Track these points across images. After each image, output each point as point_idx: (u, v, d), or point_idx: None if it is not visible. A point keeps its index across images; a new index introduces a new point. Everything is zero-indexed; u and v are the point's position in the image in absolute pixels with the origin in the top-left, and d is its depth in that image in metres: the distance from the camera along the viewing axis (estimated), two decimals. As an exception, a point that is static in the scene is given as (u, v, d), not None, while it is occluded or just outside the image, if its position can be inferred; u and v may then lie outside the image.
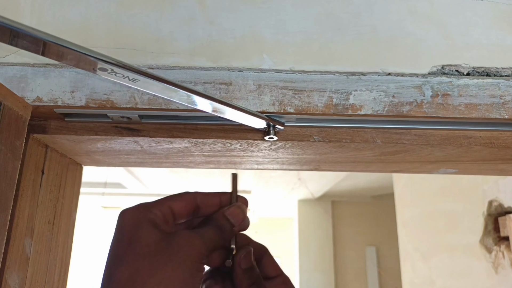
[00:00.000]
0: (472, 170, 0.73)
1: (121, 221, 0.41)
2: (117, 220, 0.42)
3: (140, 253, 0.38)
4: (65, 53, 0.37)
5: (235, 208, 0.46)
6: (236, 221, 0.45)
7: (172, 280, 0.37)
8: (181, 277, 0.38)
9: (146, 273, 0.37)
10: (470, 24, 0.57)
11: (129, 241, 0.39)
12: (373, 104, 0.54)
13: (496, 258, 1.80)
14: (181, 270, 0.38)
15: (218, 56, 0.55)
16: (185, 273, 0.38)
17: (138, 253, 0.38)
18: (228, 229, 0.45)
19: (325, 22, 0.57)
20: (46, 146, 0.60)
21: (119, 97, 0.53)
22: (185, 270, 0.38)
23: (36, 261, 0.57)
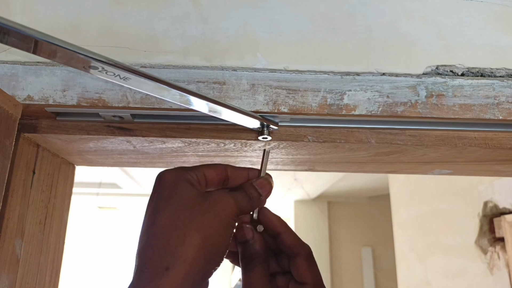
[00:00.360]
0: (467, 171, 0.72)
1: (160, 180, 0.45)
2: (155, 181, 0.45)
3: (180, 204, 0.42)
4: (56, 51, 0.36)
5: (263, 180, 0.50)
6: (264, 191, 0.49)
7: (210, 228, 0.41)
8: (217, 227, 0.42)
9: (187, 219, 0.41)
10: (465, 24, 0.57)
11: (169, 195, 0.43)
12: (368, 104, 0.53)
13: (491, 259, 1.80)
14: (217, 221, 0.42)
15: (211, 55, 0.54)
16: (220, 224, 0.42)
17: (179, 204, 0.42)
18: (256, 197, 0.48)
19: (320, 22, 0.56)
20: (38, 146, 0.59)
21: (111, 96, 0.52)
22: (220, 221, 0.42)
23: (27, 262, 0.57)
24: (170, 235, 0.40)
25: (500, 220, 1.75)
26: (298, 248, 0.49)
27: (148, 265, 0.39)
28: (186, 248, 0.39)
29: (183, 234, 0.40)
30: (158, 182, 0.45)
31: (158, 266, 0.38)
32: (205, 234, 0.41)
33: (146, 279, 0.38)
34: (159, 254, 0.39)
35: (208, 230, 0.41)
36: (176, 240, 0.39)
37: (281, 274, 0.52)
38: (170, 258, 0.38)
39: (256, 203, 0.48)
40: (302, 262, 0.49)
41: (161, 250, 0.39)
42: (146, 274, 0.38)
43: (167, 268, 0.38)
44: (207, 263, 0.40)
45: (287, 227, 0.51)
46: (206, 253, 0.40)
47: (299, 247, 0.49)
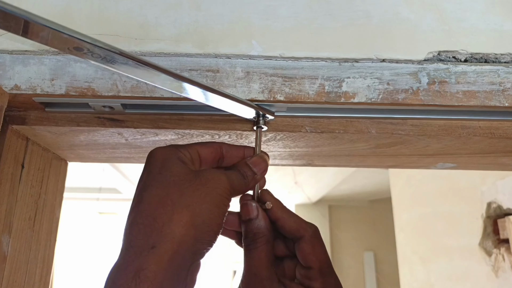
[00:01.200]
0: (472, 165, 0.70)
1: (150, 157, 0.43)
2: (146, 158, 0.44)
3: (170, 180, 0.40)
4: (37, 30, 0.34)
5: (257, 158, 0.48)
6: (258, 170, 0.47)
7: (200, 205, 0.39)
8: (208, 204, 0.40)
9: (176, 196, 0.39)
10: (467, 9, 0.55)
11: (159, 172, 0.41)
12: (367, 91, 0.51)
13: (496, 261, 1.78)
14: (209, 199, 0.40)
15: (204, 42, 0.52)
16: (212, 202, 0.40)
17: (168, 180, 0.40)
18: (250, 175, 0.47)
19: (316, 8, 0.55)
20: (27, 139, 0.57)
21: (101, 85, 0.50)
22: (212, 199, 0.40)
23: (15, 259, 0.55)
24: (157, 212, 0.38)
25: (505, 221, 1.72)
26: (300, 231, 0.47)
27: (133, 243, 0.37)
28: (174, 225, 0.37)
29: (172, 211, 0.38)
30: (148, 159, 0.43)
31: (143, 244, 0.36)
32: (195, 211, 0.39)
33: (131, 258, 0.36)
34: (145, 231, 0.37)
35: (198, 208, 0.39)
36: (163, 217, 0.38)
37: (289, 258, 0.49)
38: (157, 236, 0.36)
39: (251, 182, 0.47)
40: (305, 245, 0.46)
41: (148, 228, 0.37)
42: (131, 253, 0.36)
43: (153, 246, 0.36)
44: (197, 242, 0.38)
45: (286, 212, 0.48)
46: (196, 231, 0.38)
47: (301, 230, 0.47)
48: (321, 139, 0.57)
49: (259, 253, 0.45)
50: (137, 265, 0.35)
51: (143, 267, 0.35)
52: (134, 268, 0.35)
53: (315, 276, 0.46)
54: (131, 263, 0.35)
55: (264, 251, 0.45)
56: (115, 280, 0.35)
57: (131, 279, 0.34)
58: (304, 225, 0.47)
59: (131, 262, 0.35)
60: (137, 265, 0.35)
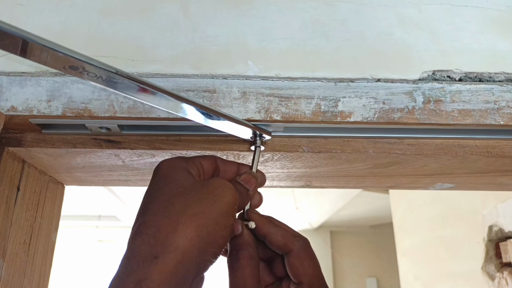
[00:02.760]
0: (470, 185, 0.70)
1: (158, 169, 0.43)
2: (154, 170, 0.44)
3: (175, 191, 0.40)
4: (34, 49, 0.35)
5: (247, 175, 0.47)
6: (249, 186, 0.47)
7: (206, 215, 0.38)
8: (214, 214, 0.39)
9: (181, 206, 0.38)
10: (460, 29, 0.56)
11: (165, 183, 0.41)
12: (363, 111, 0.52)
13: (499, 285, 1.75)
14: (215, 208, 0.39)
15: (201, 63, 0.53)
16: (218, 212, 0.39)
17: (173, 191, 0.40)
18: (244, 193, 0.46)
19: (311, 29, 0.55)
20: (23, 162, 0.57)
21: (98, 106, 0.50)
22: (218, 209, 0.39)
23: (9, 284, 0.54)
24: (161, 223, 0.37)
25: (507, 245, 1.71)
26: (287, 246, 0.46)
27: (135, 253, 0.36)
28: (178, 236, 0.36)
29: (176, 222, 0.37)
30: (155, 171, 0.43)
31: (146, 254, 0.35)
32: (200, 222, 0.38)
33: (133, 268, 0.35)
34: (148, 242, 0.36)
35: (204, 218, 0.38)
36: (167, 227, 0.37)
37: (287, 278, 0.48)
38: (160, 246, 0.36)
39: (245, 198, 0.46)
40: (293, 259, 0.45)
41: (151, 238, 0.36)
42: (133, 262, 0.35)
43: (156, 256, 0.35)
44: (202, 253, 0.37)
45: (273, 227, 0.47)
46: (200, 242, 0.37)
47: (288, 244, 0.46)
48: (318, 159, 0.56)
49: (242, 269, 0.44)
50: (139, 275, 0.34)
51: (145, 277, 0.34)
52: (135, 278, 0.34)
53: None
54: (132, 273, 0.35)
55: (248, 267, 0.44)
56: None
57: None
58: (291, 239, 0.46)
59: (132, 272, 0.35)
60: (139, 275, 0.34)
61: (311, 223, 4.70)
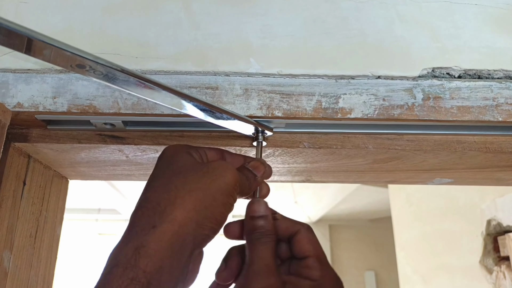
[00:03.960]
0: (468, 180, 0.71)
1: (162, 153, 0.45)
2: (159, 155, 0.46)
3: (176, 170, 0.42)
4: (41, 48, 0.35)
5: (256, 162, 0.49)
6: (258, 172, 0.48)
7: (204, 191, 0.40)
8: (213, 191, 0.41)
9: (180, 183, 0.40)
10: (459, 27, 0.57)
11: (167, 164, 0.43)
12: (363, 107, 0.52)
13: (497, 278, 1.76)
14: (214, 186, 0.41)
15: (204, 61, 0.54)
16: (217, 189, 0.41)
17: (174, 171, 0.42)
18: (252, 177, 0.47)
19: (312, 27, 0.56)
20: (29, 157, 0.58)
21: (102, 103, 0.51)
22: (217, 187, 0.41)
23: (16, 276, 0.55)
24: (161, 198, 0.39)
25: (505, 239, 1.72)
26: (296, 226, 0.48)
27: (135, 224, 0.38)
28: (176, 208, 0.38)
29: (174, 196, 0.39)
30: (160, 157, 0.45)
31: (145, 224, 0.38)
32: (198, 196, 0.40)
33: (132, 236, 0.37)
34: (148, 214, 0.38)
35: (202, 193, 0.40)
36: (166, 201, 0.39)
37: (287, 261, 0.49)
38: (158, 217, 0.38)
39: (253, 183, 0.48)
40: (302, 237, 0.47)
41: (151, 211, 0.39)
42: (132, 232, 0.38)
43: (154, 226, 0.37)
44: (199, 227, 0.39)
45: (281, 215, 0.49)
46: (197, 215, 0.39)
47: (297, 225, 0.48)
48: (319, 155, 0.57)
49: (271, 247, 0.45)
50: (137, 242, 0.36)
51: (143, 244, 0.36)
52: (134, 245, 0.36)
53: (313, 264, 0.45)
54: (131, 241, 0.37)
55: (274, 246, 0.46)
56: (116, 256, 0.36)
57: (131, 255, 0.35)
58: (299, 222, 0.49)
59: (131, 240, 0.37)
60: (137, 242, 0.36)
61: (310, 217, 4.72)
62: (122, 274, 0.34)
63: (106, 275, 0.35)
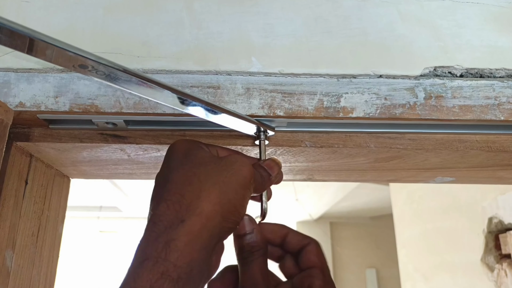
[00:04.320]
0: (470, 179, 0.71)
1: (173, 146, 0.45)
2: (167, 151, 0.45)
3: (195, 162, 0.42)
4: (43, 48, 0.35)
5: (270, 161, 0.49)
6: (272, 172, 0.48)
7: (227, 185, 0.40)
8: (234, 184, 0.41)
9: (203, 175, 0.40)
10: (461, 26, 0.57)
11: (184, 156, 0.43)
12: (365, 106, 0.52)
13: (498, 276, 1.77)
14: (234, 179, 0.41)
15: (205, 60, 0.54)
16: (237, 183, 0.41)
17: (194, 162, 0.42)
18: (266, 176, 0.48)
19: (314, 26, 0.56)
20: (31, 156, 0.58)
21: (104, 102, 0.51)
22: (237, 180, 0.41)
23: (18, 275, 0.55)
24: (185, 190, 0.39)
25: (506, 236, 1.72)
26: (307, 239, 0.48)
27: (162, 218, 0.38)
28: (202, 201, 0.38)
29: (199, 189, 0.39)
30: (170, 149, 0.45)
31: (173, 218, 0.37)
32: (222, 190, 0.40)
33: (160, 230, 0.37)
34: (174, 207, 0.38)
35: (225, 187, 0.40)
36: (191, 194, 0.39)
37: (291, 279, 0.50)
38: (186, 211, 0.38)
39: (266, 182, 0.48)
40: (311, 248, 0.48)
41: (176, 204, 0.38)
42: (160, 226, 0.37)
43: (182, 220, 0.37)
44: (223, 220, 0.39)
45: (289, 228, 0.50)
46: (222, 209, 0.39)
47: (308, 238, 0.49)
48: (320, 154, 0.57)
49: (257, 264, 0.45)
50: (167, 237, 0.36)
51: (173, 237, 0.36)
52: (164, 239, 0.36)
53: (317, 274, 0.46)
54: (161, 235, 0.36)
55: (262, 261, 0.46)
56: (145, 250, 0.36)
57: (161, 249, 0.35)
58: (306, 237, 0.49)
59: (161, 234, 0.36)
60: (167, 236, 0.36)
61: (311, 214, 4.72)
62: (152, 268, 0.34)
63: (136, 269, 0.35)
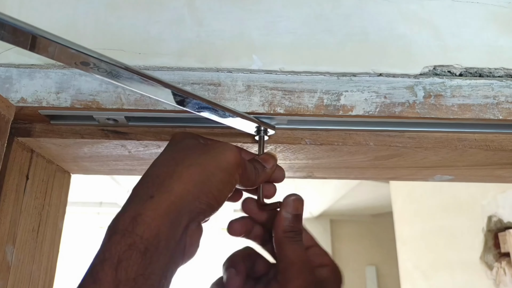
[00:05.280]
0: (469, 177, 0.71)
1: (171, 137, 0.47)
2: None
3: (178, 149, 0.44)
4: (45, 45, 0.36)
5: (266, 155, 0.51)
6: (267, 164, 0.49)
7: (203, 166, 0.41)
8: (212, 167, 0.41)
9: (180, 158, 0.42)
10: (461, 25, 0.57)
11: (174, 144, 0.45)
12: (365, 104, 0.53)
13: (497, 275, 1.77)
14: (213, 162, 0.42)
15: (206, 57, 0.54)
16: (217, 166, 0.42)
17: (177, 149, 0.44)
18: (260, 168, 0.48)
19: (315, 24, 0.56)
20: (32, 151, 0.59)
21: (105, 98, 0.52)
22: (216, 163, 0.42)
23: (19, 269, 0.55)
24: (160, 171, 0.41)
25: (505, 235, 1.72)
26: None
27: (134, 194, 0.40)
28: (174, 180, 0.40)
29: (173, 170, 0.41)
30: (169, 141, 0.47)
31: (143, 194, 0.39)
32: (196, 170, 0.41)
33: (130, 206, 0.38)
34: (147, 186, 0.40)
35: (200, 168, 0.41)
36: (165, 174, 0.40)
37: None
38: (156, 188, 0.39)
39: (261, 173, 0.49)
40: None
41: (150, 183, 0.40)
42: (131, 203, 0.39)
43: (151, 196, 0.38)
44: (195, 199, 0.40)
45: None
46: (194, 189, 0.40)
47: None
48: (320, 151, 0.58)
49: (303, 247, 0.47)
50: (135, 211, 0.37)
51: (140, 212, 0.37)
52: (132, 214, 0.37)
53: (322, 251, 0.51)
54: (129, 210, 0.38)
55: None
56: (114, 224, 0.37)
57: (128, 223, 0.36)
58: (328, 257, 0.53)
59: (129, 209, 0.38)
60: (135, 211, 0.37)
61: (312, 212, 4.73)
62: (120, 241, 0.35)
63: (105, 243, 0.36)
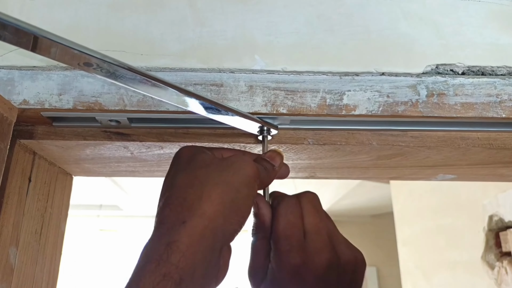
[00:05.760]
0: (471, 176, 0.71)
1: (178, 153, 0.46)
2: (174, 157, 0.46)
3: (197, 165, 0.43)
4: (47, 46, 0.36)
5: (272, 152, 0.50)
6: (275, 162, 0.49)
7: (228, 184, 0.40)
8: (236, 184, 0.41)
9: (204, 177, 0.41)
10: (463, 24, 0.57)
11: (186, 162, 0.44)
12: (368, 104, 0.53)
13: (499, 274, 1.77)
14: (236, 178, 0.41)
15: (209, 58, 0.54)
16: (239, 182, 0.41)
17: (196, 165, 0.43)
18: (270, 168, 0.48)
19: (317, 23, 0.56)
20: (34, 153, 0.58)
21: (108, 100, 0.51)
22: (239, 179, 0.41)
23: (22, 272, 0.55)
24: (187, 193, 0.40)
25: (506, 234, 1.72)
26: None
27: (164, 220, 0.38)
28: (204, 202, 0.38)
29: (201, 190, 0.39)
30: (175, 156, 0.46)
31: (175, 220, 0.37)
32: (223, 189, 0.40)
33: (162, 232, 0.37)
34: (176, 210, 0.38)
35: (226, 186, 0.40)
36: (193, 196, 0.39)
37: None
38: (187, 212, 0.38)
39: (272, 173, 0.48)
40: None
41: (179, 207, 0.38)
42: (162, 229, 0.37)
43: (184, 221, 0.37)
44: (227, 221, 0.39)
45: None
46: (224, 209, 0.39)
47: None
48: (323, 151, 0.58)
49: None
50: (169, 238, 0.36)
51: (174, 239, 0.36)
52: (165, 241, 0.36)
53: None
54: (162, 237, 0.36)
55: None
56: (148, 253, 0.36)
57: (163, 251, 0.35)
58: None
59: (162, 236, 0.36)
60: (169, 238, 0.36)
61: (312, 213, 4.71)
62: (154, 270, 0.34)
63: (138, 272, 0.35)
